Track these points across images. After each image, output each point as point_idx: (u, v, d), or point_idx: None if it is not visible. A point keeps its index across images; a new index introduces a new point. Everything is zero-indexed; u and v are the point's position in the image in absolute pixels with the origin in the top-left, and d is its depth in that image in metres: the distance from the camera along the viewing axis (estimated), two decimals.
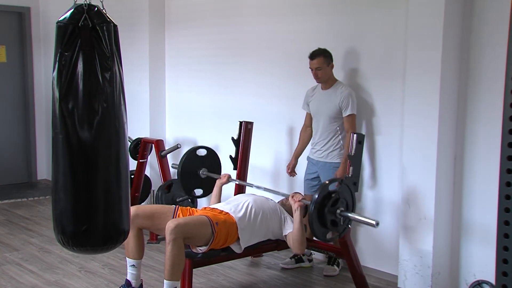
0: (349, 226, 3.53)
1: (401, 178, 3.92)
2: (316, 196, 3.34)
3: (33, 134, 7.26)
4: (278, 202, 3.91)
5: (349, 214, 3.42)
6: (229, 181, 4.16)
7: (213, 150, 4.51)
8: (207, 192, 4.41)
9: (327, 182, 3.45)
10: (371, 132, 4.18)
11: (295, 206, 3.58)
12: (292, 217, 3.66)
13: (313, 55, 4.07)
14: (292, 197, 3.63)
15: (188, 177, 4.34)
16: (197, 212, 3.65)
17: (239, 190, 4.44)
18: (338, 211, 3.40)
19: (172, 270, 3.22)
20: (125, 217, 2.10)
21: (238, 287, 3.99)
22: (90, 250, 2.07)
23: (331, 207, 3.37)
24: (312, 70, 4.10)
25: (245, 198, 3.76)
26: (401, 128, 3.94)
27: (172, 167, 4.88)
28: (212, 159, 4.48)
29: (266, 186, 4.83)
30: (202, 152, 4.47)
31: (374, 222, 3.32)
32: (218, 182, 4.14)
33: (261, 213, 3.62)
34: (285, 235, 3.66)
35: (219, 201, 4.07)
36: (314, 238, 4.27)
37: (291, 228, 3.63)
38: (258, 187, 4.09)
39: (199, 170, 4.36)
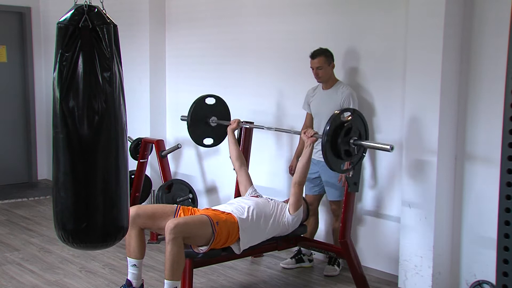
0: (364, 154, 3.51)
1: (401, 177, 3.92)
2: (328, 127, 3.30)
3: (34, 134, 7.26)
4: (283, 200, 3.92)
5: (363, 142, 3.40)
6: (240, 126, 4.21)
7: (222, 98, 4.48)
8: (217, 141, 4.40)
9: (337, 112, 3.42)
10: (372, 132, 4.17)
11: (308, 142, 3.61)
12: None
13: (314, 55, 4.07)
14: (305, 133, 3.65)
15: (198, 126, 4.33)
16: (199, 212, 3.66)
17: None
18: (352, 140, 3.37)
19: (172, 270, 3.23)
20: (124, 215, 2.14)
21: (239, 287, 4.00)
22: (89, 246, 2.12)
23: (344, 137, 3.33)
24: (313, 69, 4.10)
25: (247, 201, 3.76)
26: (401, 128, 3.95)
27: (181, 119, 4.79)
28: (221, 107, 4.46)
29: (267, 185, 4.85)
30: (211, 101, 4.45)
31: (388, 147, 3.33)
32: (229, 128, 4.22)
33: (263, 217, 3.63)
34: (289, 210, 3.74)
35: (237, 145, 4.18)
36: (314, 238, 4.30)
37: (288, 206, 3.76)
38: (269, 128, 4.21)
39: (209, 118, 4.36)
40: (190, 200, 4.87)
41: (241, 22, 5.13)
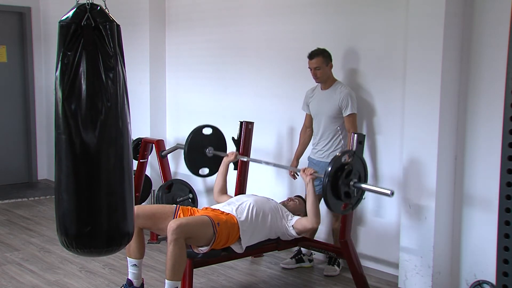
0: (363, 197, 3.52)
1: (401, 178, 3.92)
2: (329, 168, 3.34)
3: (34, 134, 7.26)
4: (279, 202, 3.92)
5: (363, 185, 3.42)
6: (237, 159, 4.18)
7: (219, 128, 4.49)
8: (213, 171, 4.40)
9: (339, 154, 3.45)
10: (372, 132, 4.18)
11: (307, 179, 3.62)
12: (293, 216, 3.68)
13: (311, 55, 4.07)
14: (304, 171, 3.66)
15: (194, 156, 4.32)
16: (199, 212, 3.66)
17: (240, 190, 4.45)
18: (352, 182, 3.39)
19: (174, 270, 3.23)
20: (129, 219, 2.07)
21: (239, 287, 4.00)
22: (94, 252, 2.03)
23: (344, 179, 3.37)
24: (311, 69, 4.11)
25: (246, 198, 3.77)
26: (401, 128, 3.95)
27: (177, 147, 4.80)
28: (217, 138, 4.46)
29: (267, 187, 4.85)
30: (207, 131, 4.45)
31: (389, 192, 3.31)
32: (225, 160, 4.18)
33: (262, 213, 3.63)
34: (293, 225, 3.70)
35: (225, 179, 4.13)
36: (315, 238, 4.30)
37: (294, 221, 3.70)
38: (267, 163, 4.11)
39: (205, 149, 4.35)
40: (190, 200, 4.87)
41: (241, 22, 5.13)
